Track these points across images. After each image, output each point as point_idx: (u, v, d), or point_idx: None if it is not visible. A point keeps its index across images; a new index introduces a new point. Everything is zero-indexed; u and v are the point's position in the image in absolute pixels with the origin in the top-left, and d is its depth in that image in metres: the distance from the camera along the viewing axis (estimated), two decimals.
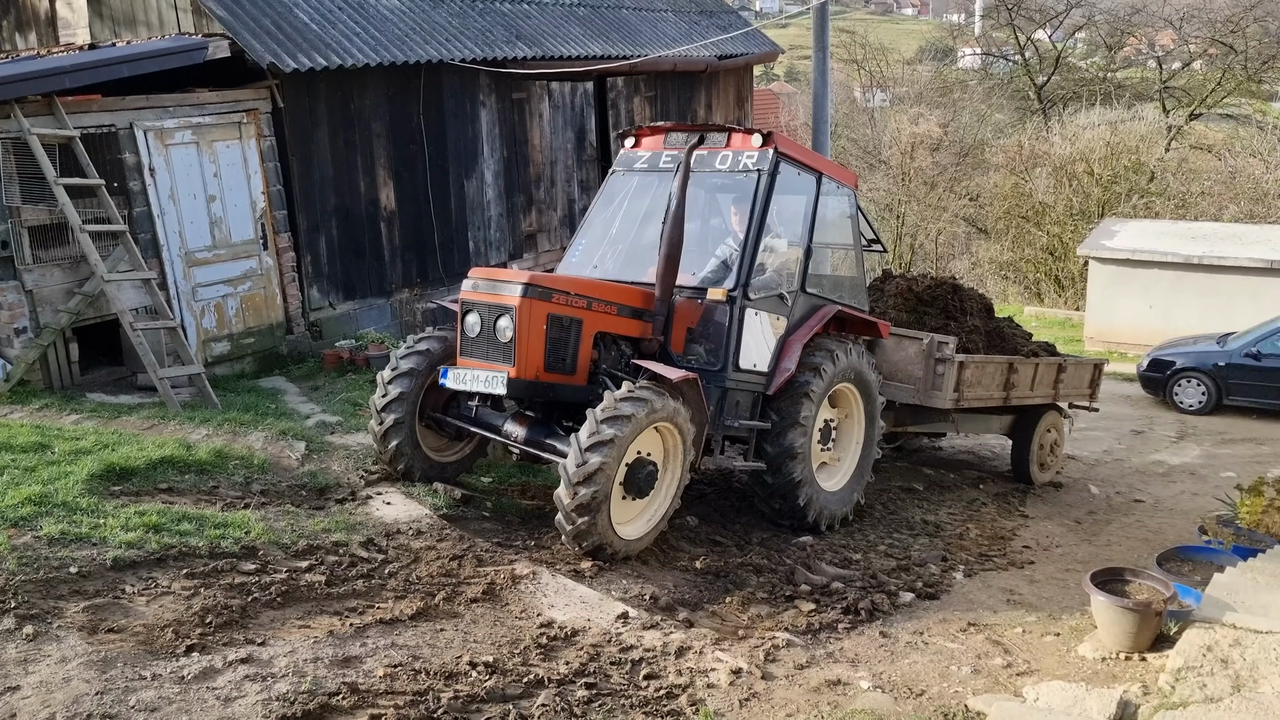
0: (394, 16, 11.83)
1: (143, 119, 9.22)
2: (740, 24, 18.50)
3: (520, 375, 6.48)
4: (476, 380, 6.59)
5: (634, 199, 7.97)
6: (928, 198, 31.08)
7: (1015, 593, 6.81)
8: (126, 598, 5.15)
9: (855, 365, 7.88)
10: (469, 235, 12.68)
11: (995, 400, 9.64)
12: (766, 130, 7.56)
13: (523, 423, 6.90)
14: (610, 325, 6.97)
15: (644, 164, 7.85)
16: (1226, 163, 30.55)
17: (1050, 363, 10.29)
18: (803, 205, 7.77)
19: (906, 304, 9.89)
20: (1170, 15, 38.42)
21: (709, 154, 7.53)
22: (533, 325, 6.50)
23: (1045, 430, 10.53)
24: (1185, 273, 18.18)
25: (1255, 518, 7.23)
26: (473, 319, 6.70)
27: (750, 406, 7.44)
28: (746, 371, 7.28)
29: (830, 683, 5.05)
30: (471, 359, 6.72)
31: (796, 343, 7.45)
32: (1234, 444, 12.82)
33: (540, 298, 6.54)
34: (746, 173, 7.40)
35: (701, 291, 7.29)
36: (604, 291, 6.97)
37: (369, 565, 5.97)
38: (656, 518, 6.66)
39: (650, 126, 8.04)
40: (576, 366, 6.80)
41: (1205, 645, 4.68)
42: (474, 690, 4.66)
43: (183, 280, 9.59)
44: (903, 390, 9.06)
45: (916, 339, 9.07)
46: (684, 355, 7.22)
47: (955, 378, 8.95)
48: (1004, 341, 10.18)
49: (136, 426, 7.77)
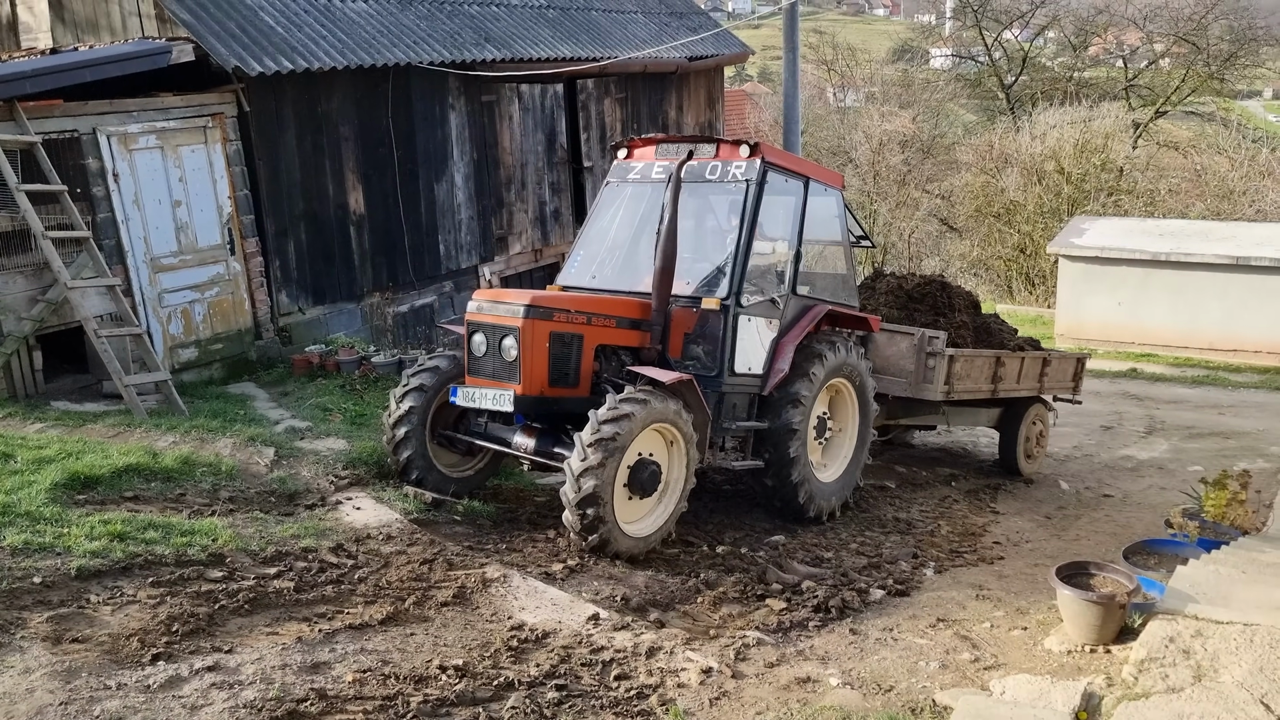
0: (361, 19, 11.78)
1: (106, 124, 9.13)
2: (710, 25, 18.55)
3: (526, 392, 6.79)
4: (485, 398, 6.89)
5: (628, 209, 8.27)
6: (899, 195, 31.27)
7: (984, 588, 6.85)
8: (91, 607, 5.09)
9: (848, 361, 8.15)
10: (439, 238, 12.64)
11: (983, 393, 9.98)
12: (754, 141, 7.79)
13: (531, 434, 7.17)
14: (610, 337, 7.26)
15: (637, 175, 8.13)
16: (1193, 160, 30.94)
17: (1035, 357, 10.64)
18: (791, 210, 8.02)
19: (897, 301, 10.26)
20: (1134, 14, 38.89)
21: (699, 165, 7.79)
22: (536, 344, 6.80)
23: (1031, 422, 10.90)
24: (1153, 270, 18.35)
25: (1219, 511, 7.32)
26: (479, 339, 7.00)
27: (747, 407, 7.73)
28: (742, 375, 7.57)
29: (800, 680, 5.06)
30: (479, 377, 7.02)
31: (789, 344, 7.73)
32: (1201, 438, 12.96)
33: (542, 317, 6.84)
34: (736, 183, 7.66)
35: (696, 299, 7.57)
36: (602, 306, 7.28)
37: (338, 571, 5.95)
38: (663, 518, 6.90)
39: (643, 138, 8.32)
40: (579, 379, 7.09)
41: (1168, 636, 4.73)
42: (444, 694, 4.64)
43: (148, 286, 9.51)
44: (895, 383, 9.38)
45: (908, 334, 9.39)
46: (682, 360, 7.51)
47: (945, 371, 9.29)
48: (991, 337, 10.52)
49: (102, 434, 7.70)
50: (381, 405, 9.13)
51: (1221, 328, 17.90)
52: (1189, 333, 18.14)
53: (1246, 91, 58.37)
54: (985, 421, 10.87)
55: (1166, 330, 18.30)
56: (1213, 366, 17.52)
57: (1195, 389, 16.23)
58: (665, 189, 7.56)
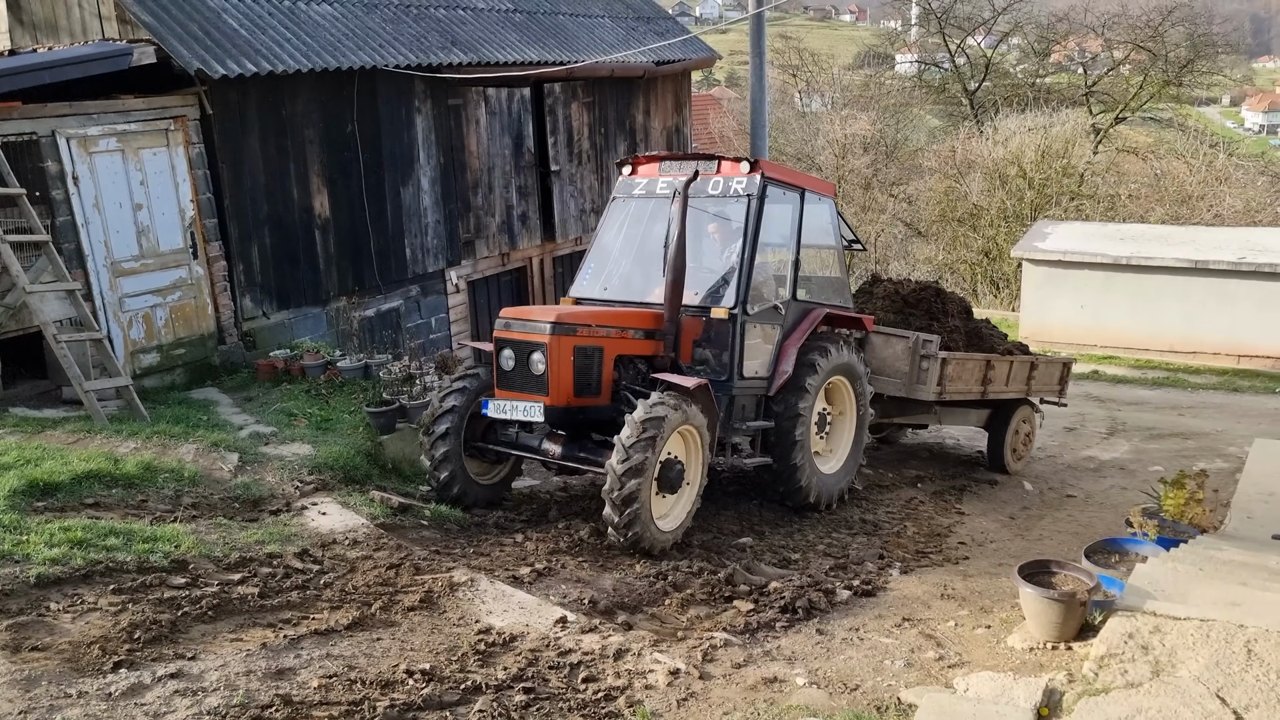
0: (326, 22, 11.71)
1: (65, 126, 9.02)
2: (678, 30, 18.60)
3: (554, 403, 7.24)
4: (516, 410, 7.35)
5: (634, 224, 8.81)
6: (864, 199, 31.51)
7: (950, 588, 6.92)
8: (51, 615, 5.02)
9: (846, 360, 8.75)
10: (405, 242, 12.58)
11: (974, 394, 10.43)
12: (754, 158, 8.41)
13: (557, 441, 7.66)
14: (627, 348, 7.74)
15: (642, 190, 8.65)
16: (1152, 165, 31.44)
17: (1024, 360, 11.14)
18: (789, 221, 8.56)
19: (893, 306, 10.71)
20: (1093, 22, 39.47)
21: (701, 180, 8.25)
22: (562, 358, 7.26)
23: (1019, 423, 11.37)
24: (1115, 273, 18.62)
25: (1178, 510, 7.44)
26: (507, 354, 7.41)
27: (754, 408, 8.33)
28: (750, 379, 8.13)
29: (767, 680, 5.09)
30: (509, 390, 7.43)
31: (792, 346, 8.33)
32: (1162, 439, 13.16)
33: (566, 333, 7.29)
34: (738, 197, 8.18)
35: (705, 309, 8.10)
36: (620, 319, 7.78)
37: (304, 576, 5.90)
38: (684, 513, 7.37)
39: (646, 156, 8.88)
40: (601, 388, 7.57)
41: (1127, 633, 4.81)
42: (410, 698, 4.62)
43: (109, 290, 9.39)
44: (890, 384, 9.87)
45: (903, 337, 9.85)
46: (691, 365, 8.05)
47: (938, 373, 9.73)
48: (982, 341, 10.96)
49: (62, 441, 7.59)
50: (348, 409, 9.11)
51: (1181, 330, 18.20)
52: (1150, 335, 18.43)
53: (1205, 98, 59.42)
54: (975, 421, 11.30)
55: (1128, 333, 18.58)
56: (1173, 368, 17.80)
57: (1156, 390, 16.49)
58: (670, 204, 8.12)
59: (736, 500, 8.77)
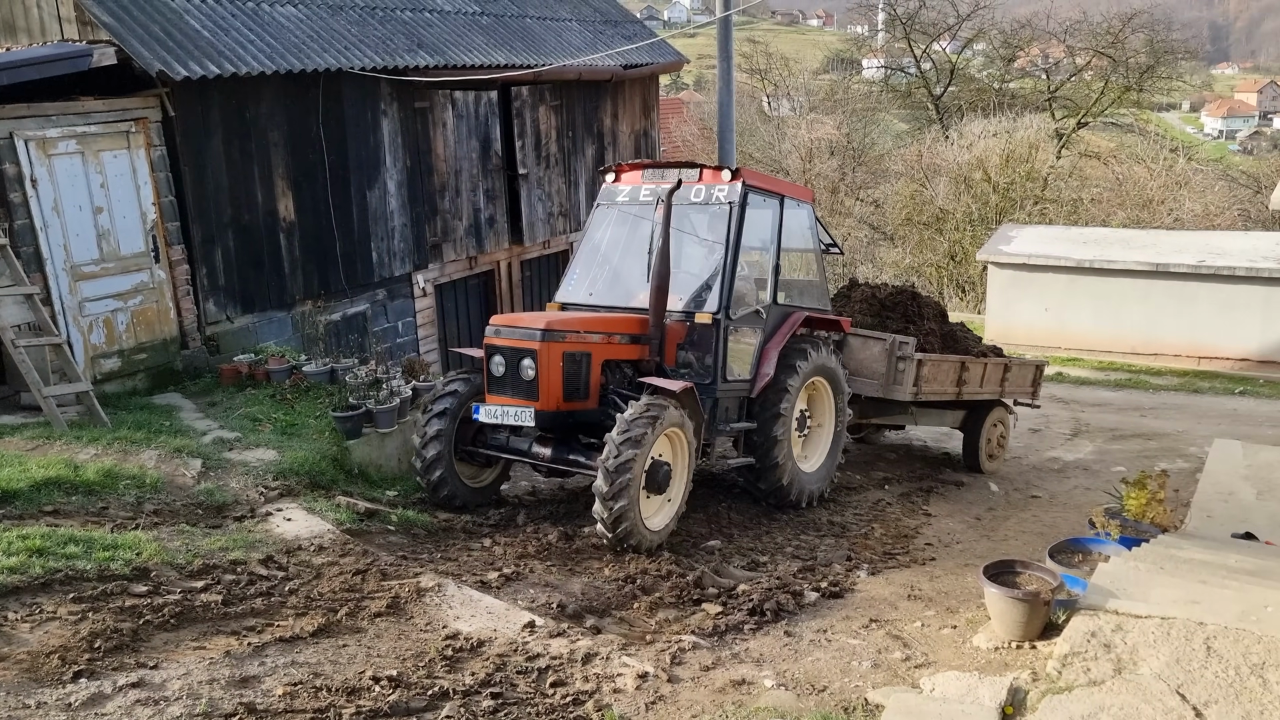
0: (290, 24, 11.61)
1: (23, 128, 8.87)
2: (645, 34, 18.62)
3: (545, 408, 7.41)
4: (507, 415, 7.48)
5: (618, 229, 9.00)
6: (831, 203, 31.69)
7: (916, 588, 6.96)
8: (9, 625, 4.93)
9: (825, 362, 8.96)
10: (372, 246, 12.50)
11: (949, 395, 10.68)
12: (735, 167, 8.66)
13: (546, 444, 7.79)
14: (615, 353, 7.89)
15: (625, 198, 8.83)
16: (1114, 170, 31.86)
17: (997, 363, 11.40)
18: (769, 226, 8.76)
19: (871, 309, 10.94)
20: (1055, 29, 39.98)
21: (684, 188, 8.44)
22: (551, 364, 7.41)
23: (993, 424, 11.63)
24: (1078, 276, 18.86)
25: (1140, 510, 7.54)
26: (498, 360, 7.56)
27: (737, 410, 8.50)
28: (733, 381, 8.31)
29: (735, 683, 5.09)
30: (499, 396, 7.58)
31: (773, 349, 8.52)
32: (1124, 440, 13.33)
33: (556, 340, 7.44)
34: (719, 205, 8.36)
35: (689, 314, 8.26)
36: (607, 325, 7.92)
37: (268, 583, 5.84)
38: (672, 513, 7.50)
39: (629, 164, 9.01)
40: (589, 392, 7.71)
41: (1090, 631, 4.86)
42: (377, 705, 4.58)
43: (68, 295, 9.25)
44: (868, 385, 10.07)
45: (880, 339, 10.08)
46: (676, 368, 8.22)
47: (914, 374, 9.97)
48: (957, 343, 11.21)
49: (20, 448, 7.46)
50: (314, 414, 9.02)
51: (1143, 332, 18.47)
52: (1112, 337, 18.68)
53: (1165, 104, 60.29)
54: (951, 422, 11.52)
55: (1091, 335, 18.82)
56: (1135, 370, 18.05)
57: (1118, 392, 16.72)
58: (653, 210, 8.31)
59: (705, 503, 8.78)
